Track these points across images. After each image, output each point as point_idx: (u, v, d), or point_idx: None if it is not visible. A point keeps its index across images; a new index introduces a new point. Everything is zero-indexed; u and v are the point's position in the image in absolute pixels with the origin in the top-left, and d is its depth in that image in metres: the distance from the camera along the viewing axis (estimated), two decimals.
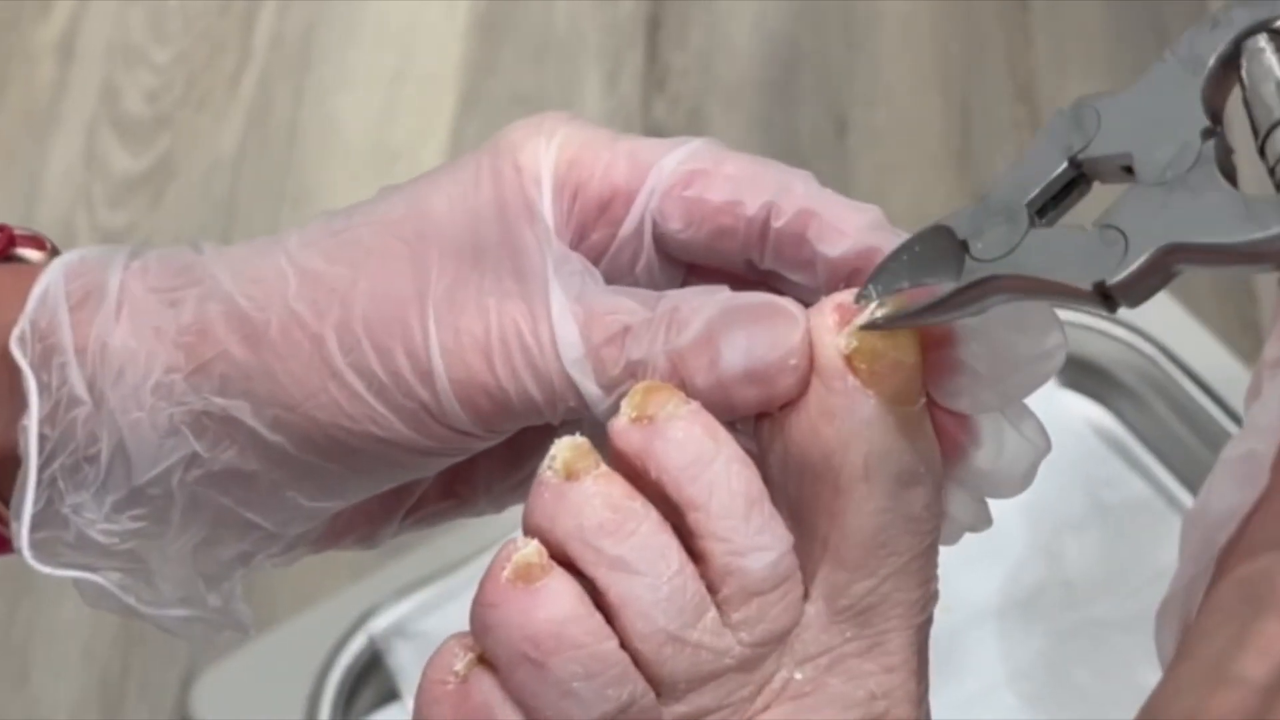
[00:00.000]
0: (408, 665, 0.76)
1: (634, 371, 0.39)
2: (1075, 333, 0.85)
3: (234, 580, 0.46)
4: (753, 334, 0.39)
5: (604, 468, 0.38)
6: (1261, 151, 0.34)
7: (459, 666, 0.38)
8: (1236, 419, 0.85)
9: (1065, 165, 0.37)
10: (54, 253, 0.47)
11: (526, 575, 0.37)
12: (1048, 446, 0.41)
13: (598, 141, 0.42)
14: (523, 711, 0.37)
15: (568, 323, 0.40)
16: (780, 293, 0.41)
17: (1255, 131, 0.35)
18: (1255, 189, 0.34)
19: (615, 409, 0.39)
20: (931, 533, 0.40)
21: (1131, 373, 0.88)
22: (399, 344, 0.40)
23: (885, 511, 0.38)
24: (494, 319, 0.40)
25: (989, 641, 0.80)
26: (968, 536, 0.42)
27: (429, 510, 0.47)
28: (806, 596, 0.39)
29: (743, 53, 1.26)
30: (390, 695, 0.78)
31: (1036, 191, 0.37)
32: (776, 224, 0.41)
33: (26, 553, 0.44)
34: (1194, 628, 0.31)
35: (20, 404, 0.43)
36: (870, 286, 0.38)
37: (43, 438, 0.43)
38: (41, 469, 0.43)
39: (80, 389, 0.43)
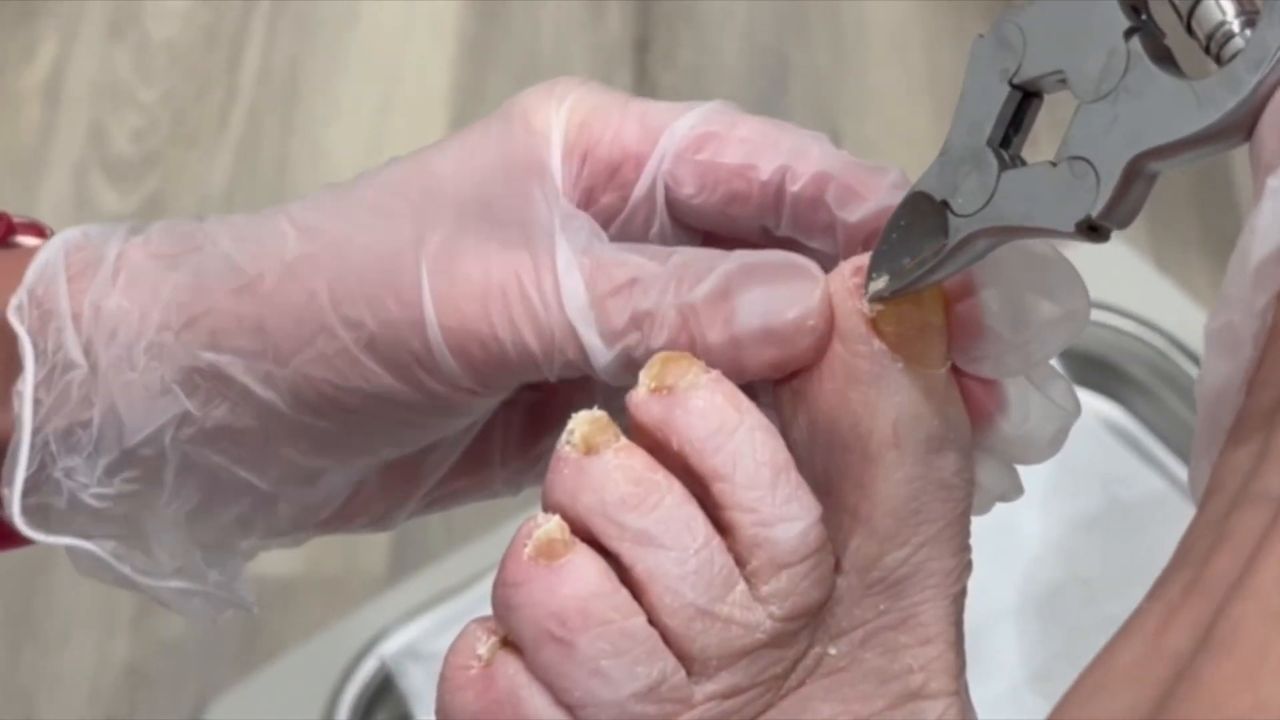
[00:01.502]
0: (421, 687, 0.75)
1: (640, 323, 0.38)
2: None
3: (236, 558, 0.45)
4: (771, 292, 0.38)
5: (624, 440, 0.37)
6: (1190, 30, 0.33)
7: (482, 650, 0.37)
8: None
9: (1008, 91, 0.36)
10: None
11: (549, 552, 0.36)
12: (1077, 410, 0.41)
13: (609, 105, 0.41)
14: (550, 693, 0.35)
15: (573, 272, 0.39)
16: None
17: (1178, 13, 0.33)
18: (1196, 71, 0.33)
19: (615, 366, 0.38)
20: (964, 499, 0.39)
21: (1142, 366, 0.87)
22: (390, 292, 0.39)
23: (916, 479, 0.37)
24: (494, 266, 0.39)
25: (1009, 642, 0.80)
26: (983, 538, 0.41)
27: (444, 491, 0.46)
28: (838, 569, 0.38)
29: (732, 69, 1.25)
30: (403, 719, 0.77)
31: (991, 127, 0.36)
32: (792, 188, 0.40)
33: (18, 519, 0.43)
34: (1218, 465, 0.31)
35: (15, 371, 0.42)
36: (873, 274, 0.37)
37: (37, 403, 0.42)
38: (35, 433, 0.42)
39: (76, 353, 0.42)
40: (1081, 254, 0.46)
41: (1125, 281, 0.88)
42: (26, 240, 0.47)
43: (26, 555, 1.02)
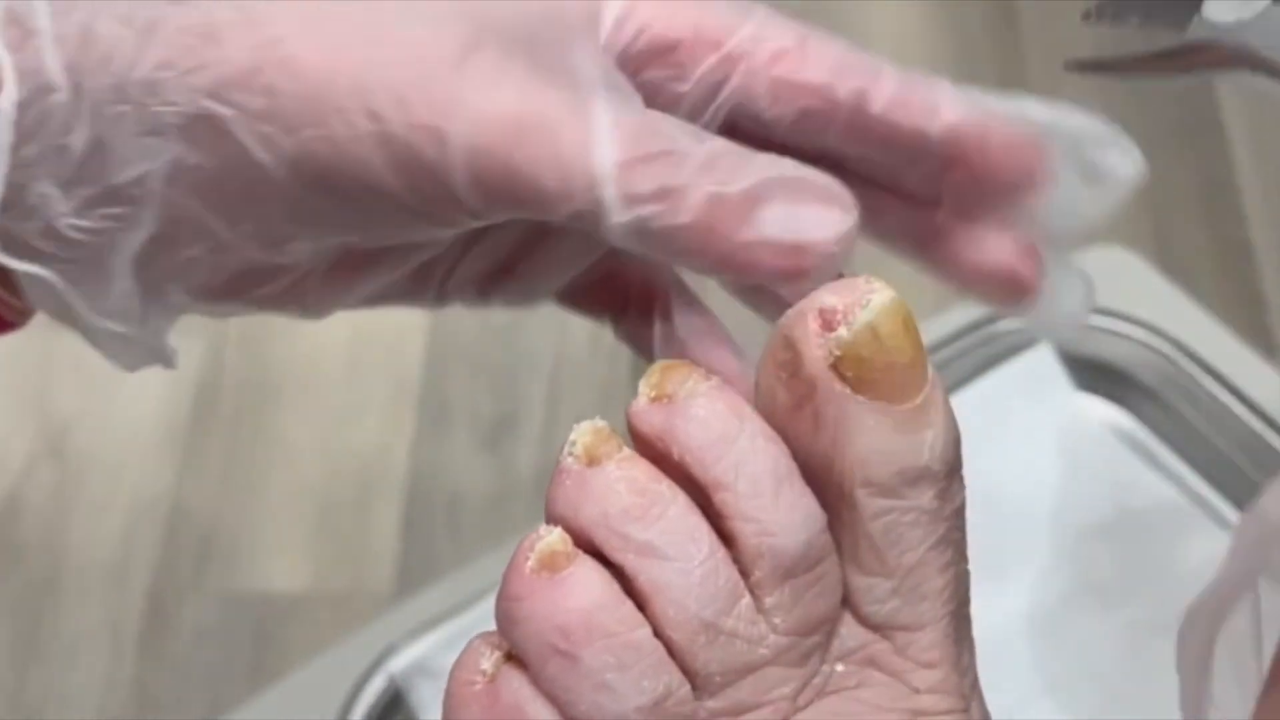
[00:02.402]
0: (430, 703, 0.75)
1: (665, 197, 0.38)
2: (1088, 335, 0.84)
3: (164, 311, 0.44)
4: (804, 207, 0.38)
5: (627, 451, 0.36)
6: None
7: (486, 665, 0.36)
8: (1258, 413, 0.84)
9: None
10: None
11: (551, 564, 0.35)
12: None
13: None
14: (555, 707, 0.35)
15: (607, 126, 0.38)
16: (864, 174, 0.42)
17: None
18: None
19: (626, 230, 0.38)
20: (949, 518, 0.38)
21: (1149, 372, 0.87)
22: (422, 95, 0.38)
23: (890, 512, 0.37)
24: (533, 97, 0.38)
25: (1021, 650, 0.79)
26: (993, 546, 0.41)
27: (377, 292, 0.45)
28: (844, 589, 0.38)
29: None
30: None
31: None
32: (873, 108, 0.41)
33: None
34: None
35: None
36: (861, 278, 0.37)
37: (15, 124, 0.40)
38: (13, 152, 0.40)
39: (56, 75, 0.40)
40: (1088, 261, 0.46)
41: (1133, 288, 0.88)
42: None
43: (33, 578, 1.02)
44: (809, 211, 0.38)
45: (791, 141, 0.42)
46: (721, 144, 0.39)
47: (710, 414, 0.36)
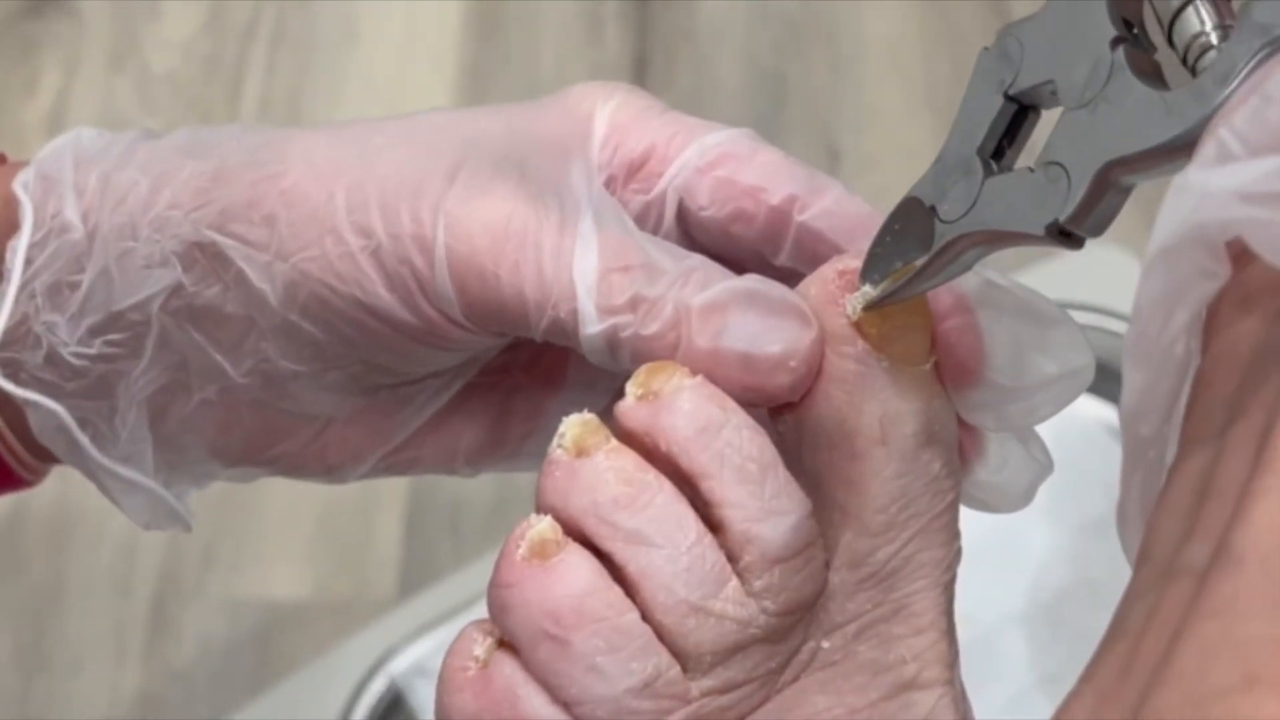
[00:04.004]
0: (430, 704, 0.75)
1: (636, 307, 0.39)
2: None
3: (185, 479, 0.46)
4: (764, 322, 0.38)
5: (615, 442, 0.37)
6: (1170, 41, 0.33)
7: (479, 651, 0.37)
8: None
9: (1002, 103, 0.36)
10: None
11: (542, 552, 0.36)
12: (1051, 465, 0.42)
13: (650, 109, 0.43)
14: (547, 691, 0.36)
15: (590, 239, 0.39)
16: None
17: (1160, 24, 0.34)
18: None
19: (600, 339, 0.39)
20: (952, 490, 0.39)
21: None
22: (407, 206, 0.40)
23: (904, 474, 0.38)
24: (518, 211, 0.40)
25: (1018, 647, 0.80)
26: (989, 544, 0.42)
27: (404, 457, 0.46)
28: (830, 565, 0.38)
29: (731, 87, 1.26)
30: None
31: (983, 137, 0.36)
32: (800, 217, 0.41)
33: None
34: (1147, 530, 0.31)
35: (11, 233, 0.43)
36: (865, 278, 0.38)
37: (29, 262, 0.43)
38: (22, 287, 0.43)
39: (74, 216, 0.42)
40: (1081, 259, 0.47)
41: (1125, 286, 0.89)
42: None
43: (37, 587, 1.03)
44: (769, 324, 0.38)
45: (729, 248, 0.42)
46: (697, 259, 0.40)
47: (695, 407, 0.37)
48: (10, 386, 0.44)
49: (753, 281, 0.39)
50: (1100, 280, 0.88)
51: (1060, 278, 0.83)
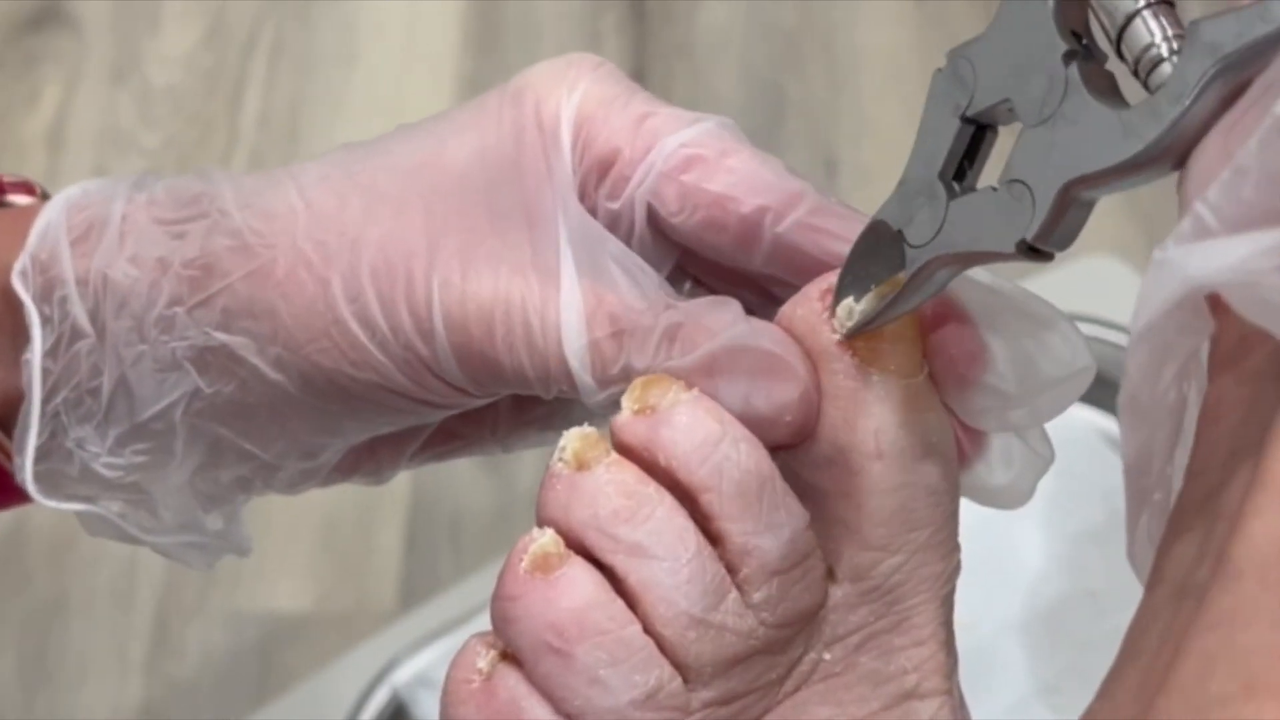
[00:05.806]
0: (433, 714, 0.75)
1: (628, 377, 0.39)
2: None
3: (235, 504, 0.46)
4: (753, 384, 0.38)
5: (615, 456, 0.37)
6: (1119, 54, 0.34)
7: (482, 664, 0.37)
8: None
9: (959, 125, 0.36)
10: (44, 198, 0.47)
11: (544, 565, 0.36)
12: (1052, 456, 0.42)
13: (614, 101, 0.41)
14: (550, 703, 0.36)
15: (574, 309, 0.40)
16: (775, 292, 0.41)
17: (1108, 37, 0.34)
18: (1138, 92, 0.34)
19: (608, 402, 0.39)
20: (951, 502, 0.39)
21: None
22: (403, 299, 0.41)
23: (902, 487, 0.38)
24: (502, 287, 0.40)
25: (1017, 656, 0.80)
26: (988, 553, 0.42)
27: (436, 450, 0.47)
28: (832, 578, 0.39)
29: (728, 100, 1.26)
30: None
31: (944, 160, 0.36)
32: (775, 229, 0.40)
33: (30, 486, 0.44)
34: (1159, 554, 0.32)
35: (23, 340, 0.43)
36: (839, 299, 0.38)
37: (45, 371, 0.43)
38: (45, 402, 0.43)
39: (83, 321, 0.43)
40: (1077, 270, 0.47)
41: (1121, 296, 0.89)
42: (18, 199, 0.47)
43: (40, 601, 1.03)
44: (758, 383, 0.38)
45: (703, 250, 0.42)
46: (682, 310, 0.39)
47: (693, 421, 0.37)
48: (54, 502, 0.44)
49: (737, 333, 0.39)
50: (1096, 290, 0.88)
51: (1055, 288, 0.84)
